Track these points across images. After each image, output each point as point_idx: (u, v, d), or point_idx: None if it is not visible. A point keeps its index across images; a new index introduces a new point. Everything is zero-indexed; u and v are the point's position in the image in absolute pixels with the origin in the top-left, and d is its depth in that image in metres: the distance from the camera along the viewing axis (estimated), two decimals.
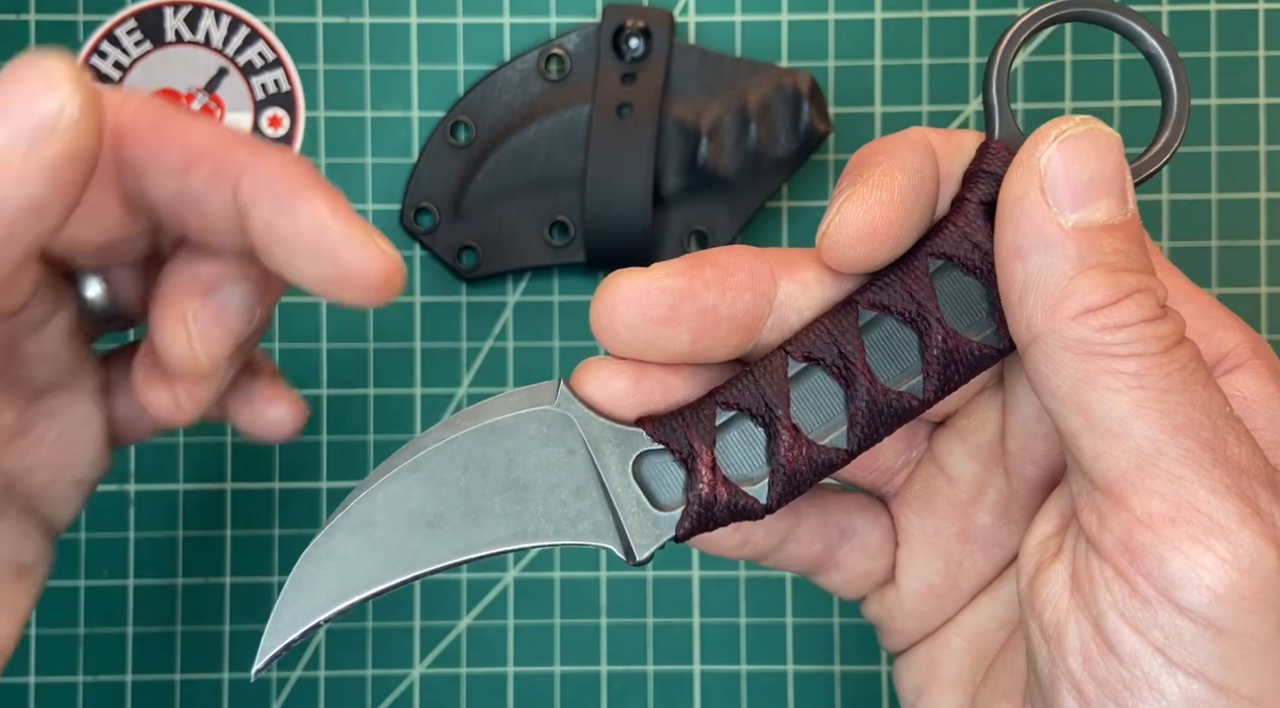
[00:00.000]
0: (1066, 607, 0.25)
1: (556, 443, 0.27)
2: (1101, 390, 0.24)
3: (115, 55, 0.47)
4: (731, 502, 0.27)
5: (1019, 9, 0.47)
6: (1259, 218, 0.47)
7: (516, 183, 0.46)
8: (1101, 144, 0.25)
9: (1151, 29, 0.27)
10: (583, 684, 0.47)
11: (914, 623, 0.31)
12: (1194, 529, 0.23)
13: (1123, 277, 0.24)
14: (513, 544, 0.27)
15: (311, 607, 0.26)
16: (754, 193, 0.46)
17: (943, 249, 0.26)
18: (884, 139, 0.27)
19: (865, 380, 0.27)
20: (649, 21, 0.46)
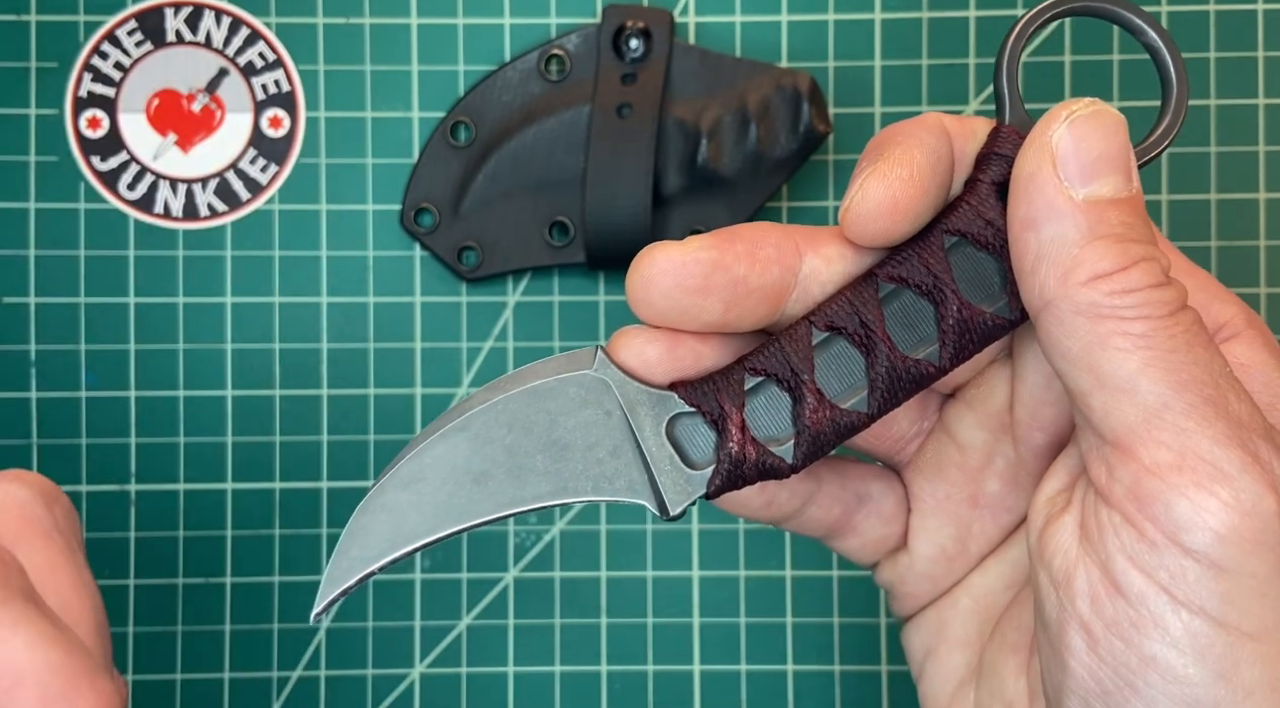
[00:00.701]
0: (1075, 554, 0.27)
1: (595, 405, 0.28)
2: (1111, 351, 0.25)
3: (116, 56, 0.47)
4: (760, 460, 0.28)
5: (1019, 9, 0.47)
6: (1258, 218, 0.47)
7: (517, 183, 0.46)
8: (1108, 124, 0.26)
9: (1152, 22, 0.28)
10: (583, 684, 0.47)
11: (925, 586, 0.33)
12: (1198, 476, 0.25)
13: (1129, 246, 0.26)
14: (553, 500, 0.28)
15: (366, 556, 0.28)
16: (754, 193, 0.46)
17: (957, 226, 0.28)
18: (903, 122, 0.28)
19: (885, 348, 0.28)
20: (649, 22, 0.46)
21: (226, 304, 0.47)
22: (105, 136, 0.47)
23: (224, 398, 0.47)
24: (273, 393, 0.47)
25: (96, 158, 0.47)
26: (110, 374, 0.47)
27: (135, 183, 0.47)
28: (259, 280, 0.47)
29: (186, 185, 0.47)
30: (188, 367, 0.47)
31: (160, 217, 0.47)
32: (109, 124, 0.47)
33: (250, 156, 0.47)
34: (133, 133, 0.47)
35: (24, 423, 0.47)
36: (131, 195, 0.47)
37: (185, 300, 0.47)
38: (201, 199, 0.47)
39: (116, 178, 0.47)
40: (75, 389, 0.47)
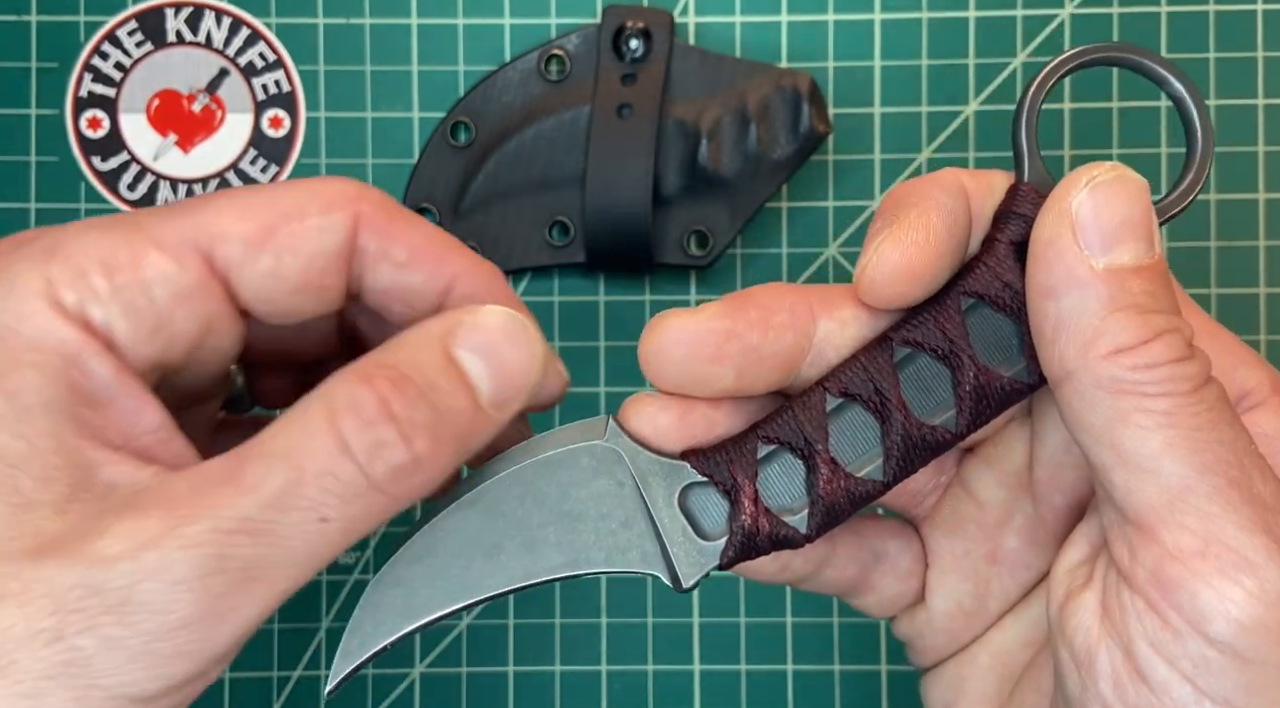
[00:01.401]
0: (1097, 634, 0.26)
1: (606, 476, 0.28)
2: (1133, 428, 0.25)
3: (116, 56, 0.47)
4: (773, 532, 0.28)
5: (1018, 9, 0.47)
6: (1258, 218, 0.47)
7: (516, 183, 0.46)
8: (1130, 190, 0.26)
9: (1177, 73, 0.28)
10: (583, 684, 0.47)
11: (943, 640, 0.32)
12: (1223, 564, 0.24)
13: (1152, 317, 0.25)
14: (566, 572, 0.28)
15: (379, 632, 0.28)
16: (754, 193, 0.46)
17: (974, 288, 0.27)
18: (919, 180, 0.28)
19: (900, 415, 0.28)
20: (649, 22, 0.46)
21: None
22: (106, 137, 0.47)
23: None
24: None
25: (97, 158, 0.47)
26: None
27: (136, 183, 0.47)
28: None
29: (187, 186, 0.47)
30: None
31: None
32: (109, 124, 0.47)
33: (251, 157, 0.47)
34: (133, 133, 0.47)
35: None
36: (132, 196, 0.47)
37: None
38: None
39: (117, 178, 0.47)
40: None
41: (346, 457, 0.25)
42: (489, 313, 0.28)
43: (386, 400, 0.26)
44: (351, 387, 0.26)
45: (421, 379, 0.26)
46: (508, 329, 0.28)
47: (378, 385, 0.26)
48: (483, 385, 0.27)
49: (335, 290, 0.29)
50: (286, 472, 0.25)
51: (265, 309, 0.29)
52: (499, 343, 0.27)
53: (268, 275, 0.28)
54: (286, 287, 0.29)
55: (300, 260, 0.28)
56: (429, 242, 0.30)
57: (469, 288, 0.30)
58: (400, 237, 0.29)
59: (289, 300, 0.29)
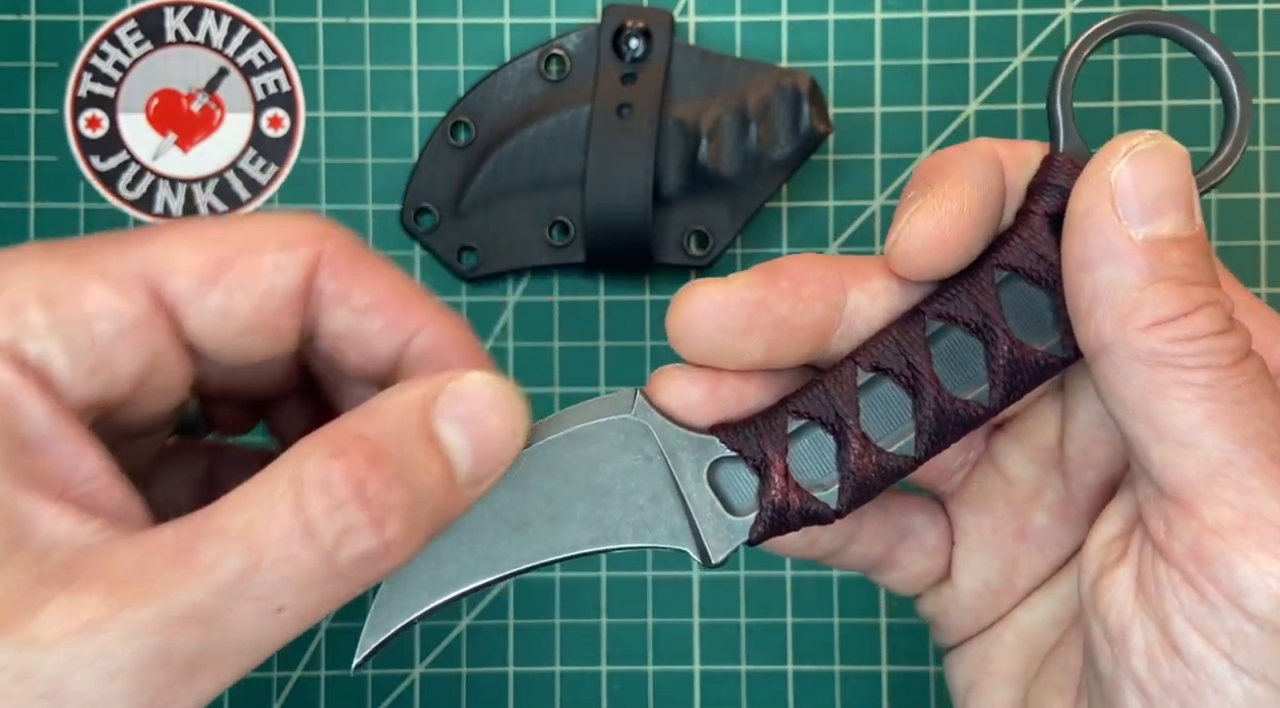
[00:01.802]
0: (1131, 609, 0.26)
1: (634, 450, 0.28)
2: (1171, 401, 0.25)
3: (115, 55, 0.47)
4: (803, 507, 0.28)
5: (1018, 9, 0.47)
6: (1259, 218, 0.47)
7: (516, 183, 0.46)
8: (1171, 159, 0.25)
9: (1215, 41, 0.27)
10: (583, 684, 0.47)
11: (969, 619, 0.32)
12: (1263, 538, 0.24)
13: (1192, 290, 0.25)
14: (593, 547, 0.28)
15: (407, 605, 0.27)
16: (754, 193, 0.46)
17: (1008, 261, 0.27)
18: (952, 149, 0.27)
19: (932, 390, 0.27)
20: (649, 22, 0.46)
21: None
22: (105, 136, 0.47)
23: None
24: None
25: (96, 158, 0.47)
26: None
27: (135, 183, 0.47)
28: None
29: (186, 185, 0.47)
30: None
31: (160, 217, 0.47)
32: (109, 124, 0.47)
33: (250, 156, 0.47)
34: (132, 133, 0.47)
35: None
36: (131, 195, 0.47)
37: None
38: (201, 199, 0.47)
39: (116, 178, 0.47)
40: None
41: (310, 541, 0.24)
42: (474, 381, 0.27)
43: (362, 481, 0.24)
44: (324, 462, 0.24)
45: (400, 455, 0.25)
46: (493, 399, 0.27)
47: (353, 462, 0.24)
48: (462, 462, 0.26)
49: (289, 331, 0.28)
50: (244, 555, 0.23)
51: (214, 347, 0.28)
52: (483, 414, 0.26)
53: (217, 313, 0.27)
54: (236, 325, 0.27)
55: (253, 298, 0.27)
56: (394, 289, 0.28)
57: (431, 342, 0.29)
58: (363, 281, 0.28)
59: (239, 340, 0.28)
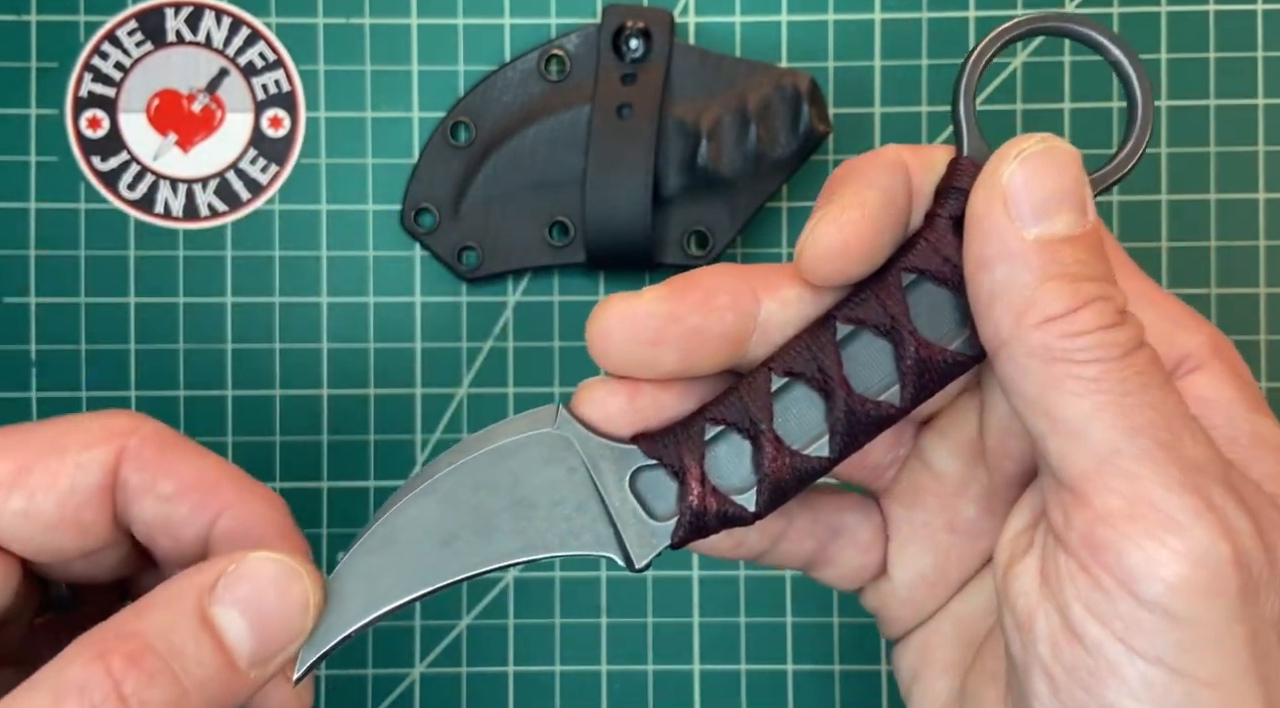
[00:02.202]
0: (1036, 598, 0.27)
1: (558, 463, 0.29)
2: (1064, 394, 0.25)
3: (116, 56, 0.47)
4: (721, 510, 0.29)
5: (1018, 9, 0.47)
6: (1258, 218, 0.47)
7: (516, 183, 0.46)
8: (1060, 160, 0.26)
9: (1114, 37, 0.28)
10: (583, 684, 0.47)
11: (908, 611, 0.33)
12: (1150, 525, 0.24)
13: (1082, 285, 0.25)
14: (521, 556, 0.29)
15: (342, 621, 0.28)
16: (754, 193, 0.46)
17: (915, 263, 0.28)
18: (859, 158, 0.28)
19: (843, 392, 0.28)
20: (649, 22, 0.46)
21: (226, 304, 0.47)
22: (105, 136, 0.47)
23: (224, 398, 0.47)
24: (273, 393, 0.47)
25: (97, 158, 0.47)
26: (110, 374, 0.47)
27: (136, 183, 0.47)
28: (259, 280, 0.47)
29: (187, 185, 0.47)
30: (188, 367, 0.47)
31: (160, 217, 0.47)
32: (109, 124, 0.47)
33: (250, 157, 0.47)
34: (133, 133, 0.47)
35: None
36: (132, 195, 0.47)
37: (185, 300, 0.47)
38: (202, 199, 0.47)
39: (117, 178, 0.47)
40: (75, 389, 0.47)
41: None
42: (255, 561, 0.27)
43: (119, 682, 0.25)
44: (85, 665, 0.25)
45: (166, 648, 0.26)
46: (276, 578, 0.27)
47: (111, 663, 0.25)
48: (242, 646, 0.27)
49: (98, 526, 0.29)
50: None
51: (23, 548, 0.29)
52: (264, 595, 0.27)
53: (19, 515, 0.29)
54: (40, 525, 0.29)
55: (53, 498, 0.29)
56: (200, 474, 0.30)
57: (236, 522, 0.30)
58: (168, 469, 0.29)
59: (45, 538, 0.29)
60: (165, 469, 0.30)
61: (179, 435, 0.30)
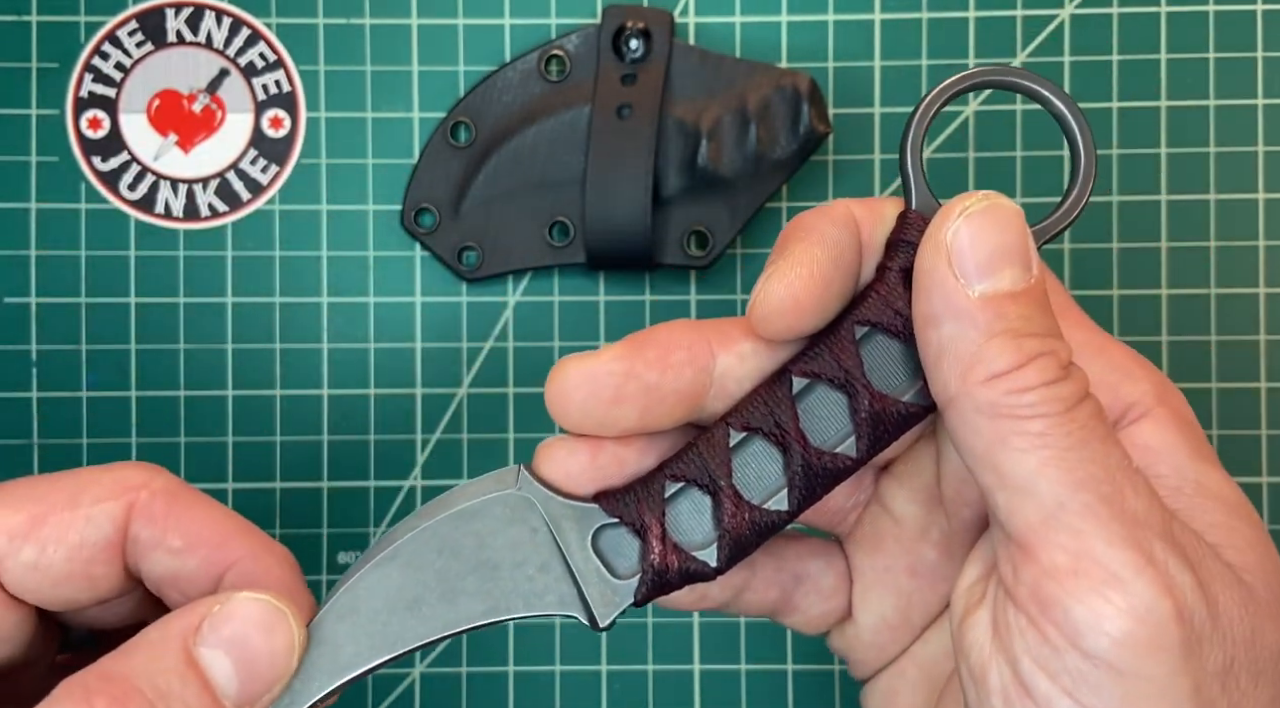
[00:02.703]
0: (989, 651, 0.27)
1: (520, 523, 0.29)
2: (1010, 450, 0.26)
3: (116, 56, 0.47)
4: (683, 567, 0.29)
5: (1018, 9, 0.47)
6: (1257, 218, 0.47)
7: (517, 183, 0.46)
8: (1002, 217, 0.26)
9: (1056, 90, 0.28)
10: (583, 684, 0.47)
11: (873, 654, 0.33)
12: (1093, 581, 0.25)
13: (1026, 341, 0.26)
14: (486, 619, 0.29)
15: (309, 689, 0.28)
16: (754, 193, 0.46)
17: (867, 316, 0.28)
18: (808, 213, 0.29)
19: (799, 446, 0.28)
20: (649, 22, 0.46)
21: (227, 304, 0.47)
22: (106, 137, 0.47)
23: (224, 398, 0.47)
24: (273, 393, 0.47)
25: (97, 158, 0.47)
26: (110, 374, 0.47)
27: (136, 183, 0.47)
28: (259, 280, 0.47)
29: (187, 185, 0.47)
30: (188, 367, 0.47)
31: (161, 217, 0.47)
32: (110, 124, 0.47)
33: (251, 157, 0.47)
34: (133, 133, 0.47)
35: (24, 423, 0.47)
36: (132, 195, 0.47)
37: (186, 300, 0.47)
38: (202, 199, 0.47)
39: (117, 178, 0.47)
40: (75, 389, 0.47)
41: None
42: (240, 601, 0.28)
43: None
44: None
45: (152, 690, 0.26)
46: (261, 619, 0.28)
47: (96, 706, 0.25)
48: (228, 687, 0.27)
49: (108, 579, 0.30)
50: None
51: (35, 599, 0.30)
52: (249, 635, 0.27)
53: (29, 567, 0.29)
54: (50, 577, 0.29)
55: (64, 551, 0.29)
56: (210, 527, 0.30)
57: (245, 574, 0.30)
58: (178, 524, 0.30)
59: (55, 590, 0.29)
60: (174, 524, 0.30)
61: (190, 488, 0.31)
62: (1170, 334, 0.47)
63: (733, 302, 0.47)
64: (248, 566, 0.30)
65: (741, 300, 0.47)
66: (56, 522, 0.29)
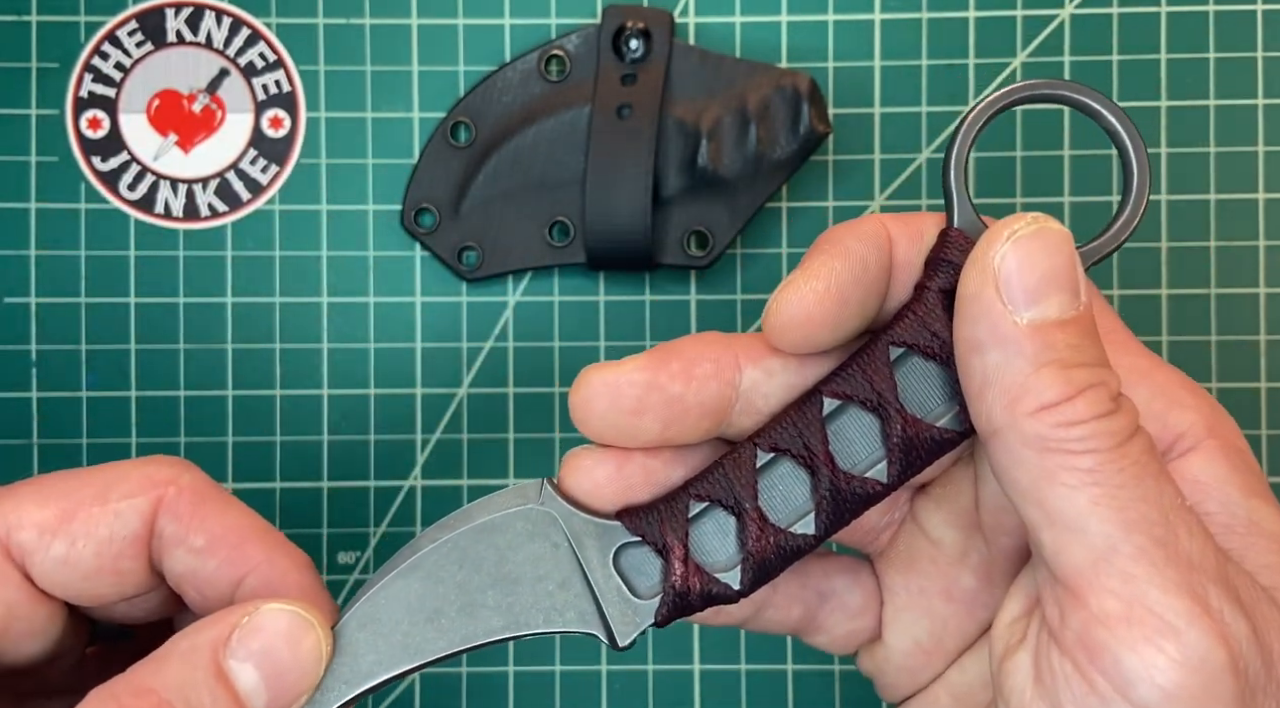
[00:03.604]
0: (1030, 696, 0.26)
1: (542, 539, 0.29)
2: (1059, 486, 0.25)
3: (116, 56, 0.47)
4: (705, 589, 0.28)
5: (1018, 9, 0.47)
6: (1258, 218, 0.47)
7: (517, 183, 0.46)
8: (1051, 242, 0.25)
9: (1110, 106, 0.27)
10: (583, 684, 0.47)
11: (904, 678, 0.32)
12: (1146, 630, 0.24)
13: (1074, 373, 0.25)
14: (505, 634, 0.29)
15: (326, 698, 0.28)
16: (754, 194, 0.46)
17: (903, 338, 0.27)
18: (839, 226, 0.28)
19: (828, 470, 0.28)
20: (649, 22, 0.46)
21: (227, 304, 0.47)
22: (106, 137, 0.47)
23: (224, 398, 0.47)
24: (273, 393, 0.47)
25: (97, 158, 0.47)
26: (110, 374, 0.47)
27: (136, 183, 0.47)
28: (259, 280, 0.47)
29: (187, 185, 0.47)
30: (188, 367, 0.47)
31: (161, 217, 0.47)
32: (110, 124, 0.47)
33: (251, 157, 0.47)
34: (133, 133, 0.47)
35: (24, 423, 0.47)
36: (132, 195, 0.47)
37: (186, 300, 0.47)
38: (202, 199, 0.47)
39: (117, 178, 0.47)
40: (75, 389, 0.47)
41: None
42: (268, 613, 0.28)
43: None
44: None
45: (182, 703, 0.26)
46: (289, 630, 0.28)
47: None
48: (256, 698, 0.27)
49: (135, 575, 0.30)
50: None
51: (64, 593, 0.30)
52: (277, 647, 0.27)
53: (59, 561, 0.29)
54: (81, 571, 0.29)
55: (93, 546, 0.29)
56: (232, 529, 0.30)
57: (264, 579, 0.30)
58: (201, 523, 0.30)
59: (84, 585, 0.30)
60: (198, 523, 0.30)
61: (217, 487, 0.31)
62: (1170, 334, 0.47)
63: (733, 302, 0.47)
64: (266, 571, 0.30)
65: (742, 301, 0.47)
66: (86, 517, 0.29)
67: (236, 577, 0.30)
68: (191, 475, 0.31)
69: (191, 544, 0.30)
